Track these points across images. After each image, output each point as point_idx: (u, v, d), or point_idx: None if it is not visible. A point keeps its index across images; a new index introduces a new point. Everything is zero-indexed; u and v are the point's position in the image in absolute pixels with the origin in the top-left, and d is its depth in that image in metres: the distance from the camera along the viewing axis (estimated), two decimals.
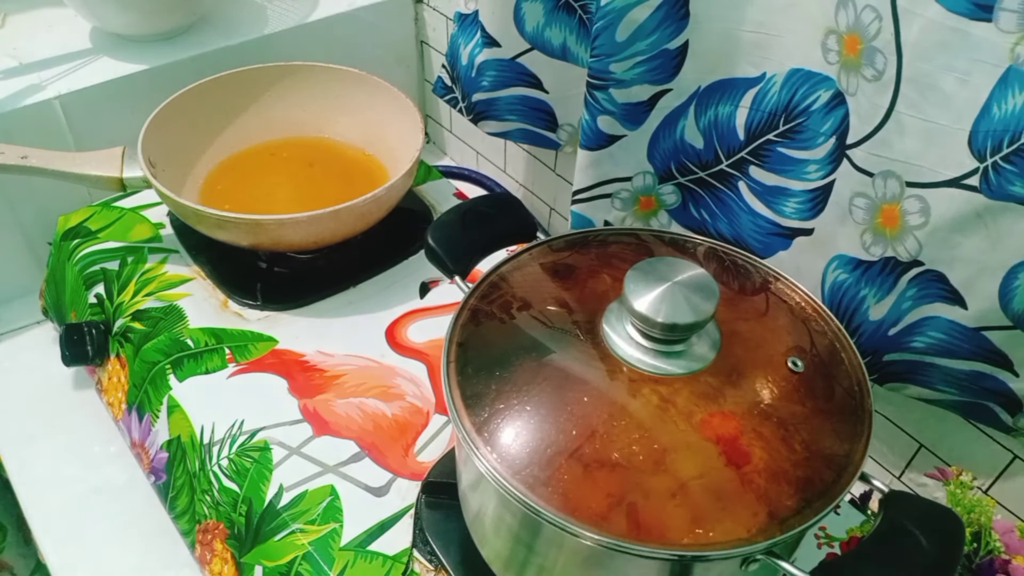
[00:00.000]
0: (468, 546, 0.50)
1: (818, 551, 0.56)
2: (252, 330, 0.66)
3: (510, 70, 0.69)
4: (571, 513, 0.37)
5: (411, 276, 0.72)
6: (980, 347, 0.48)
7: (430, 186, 0.82)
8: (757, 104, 0.55)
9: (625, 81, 0.57)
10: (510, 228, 0.52)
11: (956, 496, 0.53)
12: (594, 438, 0.39)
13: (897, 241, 0.48)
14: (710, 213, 0.63)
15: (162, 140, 0.72)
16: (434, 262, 0.51)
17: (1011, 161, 0.41)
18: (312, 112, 0.81)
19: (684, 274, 0.41)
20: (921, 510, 0.39)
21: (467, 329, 0.45)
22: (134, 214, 0.76)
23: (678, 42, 0.56)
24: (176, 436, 0.62)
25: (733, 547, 0.37)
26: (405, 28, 0.95)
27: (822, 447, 0.40)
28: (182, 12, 0.83)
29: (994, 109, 0.41)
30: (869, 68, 0.46)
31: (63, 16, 0.85)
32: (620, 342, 0.42)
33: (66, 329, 0.69)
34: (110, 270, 0.71)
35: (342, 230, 0.69)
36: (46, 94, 0.75)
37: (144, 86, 0.79)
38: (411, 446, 0.59)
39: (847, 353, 0.45)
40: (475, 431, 0.40)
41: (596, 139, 0.60)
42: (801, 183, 0.55)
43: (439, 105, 1.00)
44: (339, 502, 0.55)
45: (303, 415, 0.61)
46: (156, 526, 0.64)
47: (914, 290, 0.49)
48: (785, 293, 0.48)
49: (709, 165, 0.60)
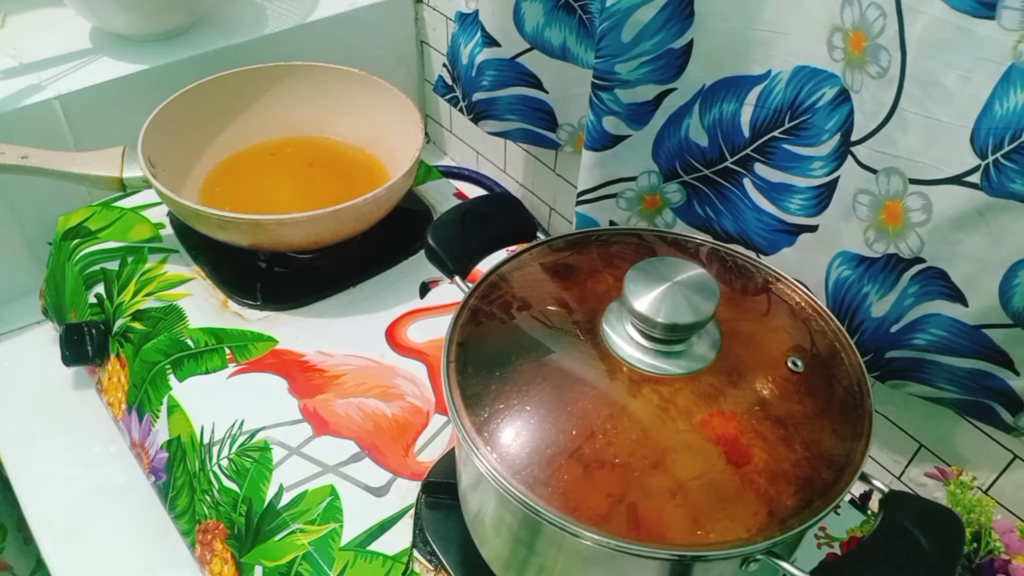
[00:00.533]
0: (468, 546, 0.49)
1: (818, 551, 0.55)
2: (252, 330, 0.66)
3: (510, 70, 0.69)
4: (571, 513, 0.37)
5: (411, 276, 0.72)
6: (981, 345, 0.48)
7: (430, 186, 0.82)
8: (762, 102, 0.55)
9: (630, 81, 0.57)
10: (510, 228, 0.52)
11: (956, 496, 0.53)
12: (594, 438, 0.39)
13: (900, 238, 0.48)
14: (715, 211, 0.63)
15: (162, 140, 0.71)
16: (434, 262, 0.51)
17: (1012, 159, 0.41)
18: (312, 112, 0.81)
19: (684, 274, 0.41)
20: (921, 510, 0.39)
21: (467, 329, 0.45)
22: (134, 214, 0.76)
23: (683, 41, 0.56)
24: (176, 436, 0.62)
25: (733, 547, 0.37)
26: (405, 28, 0.95)
27: (822, 447, 0.40)
28: (182, 12, 0.83)
29: (996, 107, 0.41)
30: (873, 65, 0.46)
31: (63, 16, 0.85)
32: (620, 342, 0.42)
33: (66, 329, 0.69)
34: (110, 270, 0.71)
35: (342, 230, 0.69)
36: (46, 94, 0.75)
37: (144, 86, 0.79)
38: (411, 446, 0.59)
39: (847, 353, 0.45)
40: (475, 431, 0.40)
41: (601, 140, 0.60)
42: (806, 180, 0.55)
43: (439, 105, 1.00)
44: (339, 502, 0.55)
45: (303, 415, 0.61)
46: (156, 526, 0.64)
47: (916, 287, 0.49)
48: (785, 293, 0.48)
49: (714, 163, 0.60)
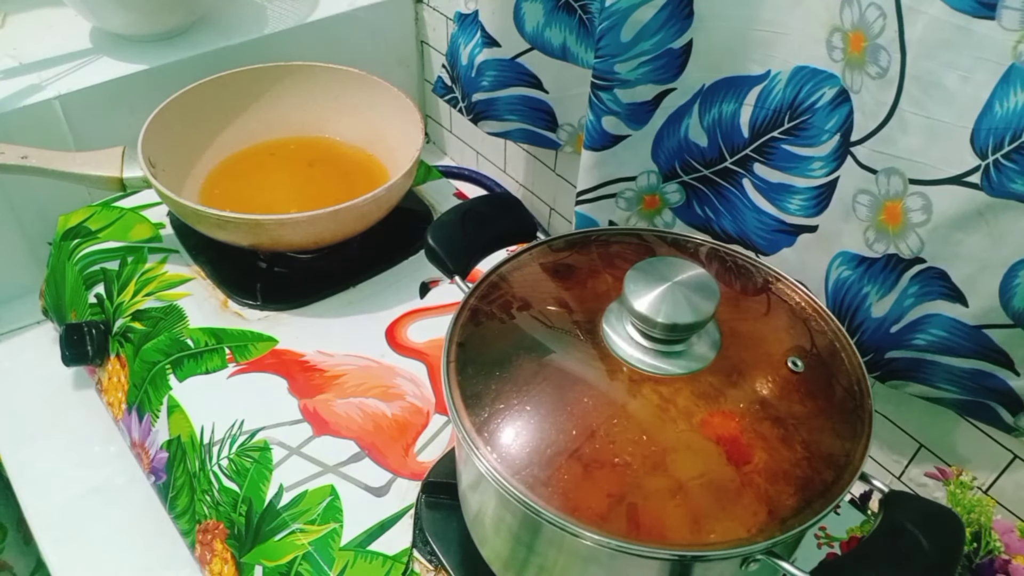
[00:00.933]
0: (468, 546, 0.49)
1: (818, 551, 0.55)
2: (252, 330, 0.66)
3: (510, 70, 0.69)
4: (571, 513, 0.37)
5: (411, 276, 0.72)
6: (981, 345, 0.48)
7: (430, 186, 0.82)
8: (762, 102, 0.55)
9: (630, 81, 0.57)
10: (510, 228, 0.52)
11: (956, 496, 0.53)
12: (594, 438, 0.39)
13: (900, 238, 0.48)
14: (714, 211, 0.63)
15: (162, 140, 0.71)
16: (434, 262, 0.51)
17: (1012, 159, 0.41)
18: (312, 112, 0.81)
19: (684, 274, 0.41)
20: (921, 510, 0.38)
21: (467, 329, 0.45)
22: (134, 214, 0.76)
23: (682, 41, 0.56)
24: (176, 436, 0.62)
25: (733, 547, 0.37)
26: (405, 28, 0.95)
27: (822, 447, 0.40)
28: (182, 12, 0.83)
29: (996, 107, 0.41)
30: (873, 65, 0.46)
31: (63, 16, 0.85)
32: (620, 342, 0.42)
33: (66, 329, 0.69)
34: (110, 270, 0.71)
35: (342, 230, 0.69)
36: (46, 94, 0.75)
37: (144, 86, 0.79)
38: (411, 446, 0.59)
39: (847, 353, 0.44)
40: (475, 431, 0.40)
41: (601, 139, 0.60)
42: (805, 180, 0.55)
43: (439, 105, 1.00)
44: (339, 502, 0.55)
45: (303, 415, 0.61)
46: (156, 526, 0.64)
47: (916, 287, 0.49)
48: (785, 293, 0.48)
49: (713, 163, 0.60)
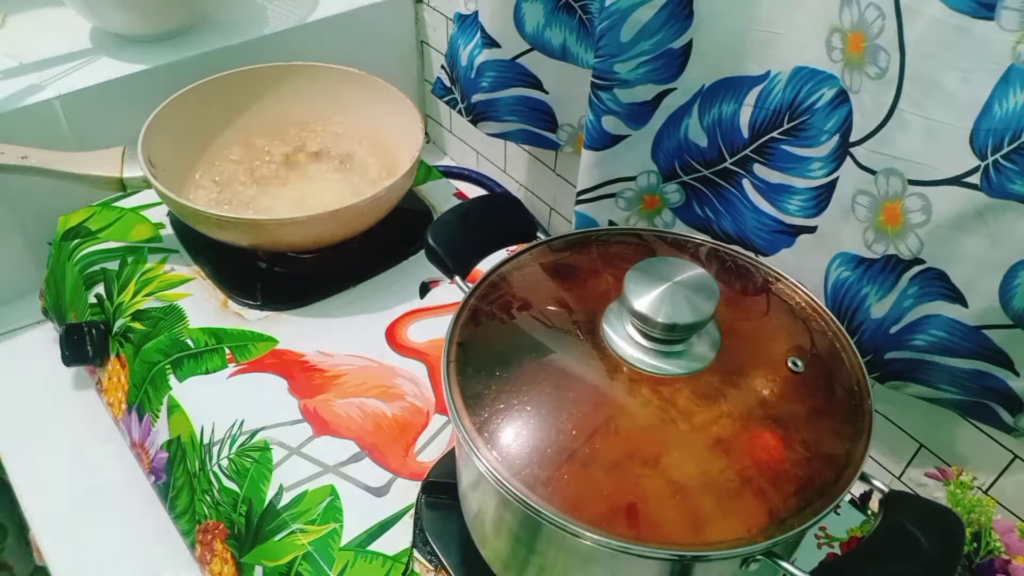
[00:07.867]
0: (468, 546, 0.49)
1: (818, 551, 0.55)
2: (252, 330, 0.66)
3: (510, 71, 0.69)
4: (571, 513, 0.37)
5: (411, 276, 0.72)
6: (981, 346, 0.48)
7: (430, 186, 0.82)
8: (761, 102, 0.55)
9: (629, 81, 0.57)
10: (510, 228, 0.52)
11: (956, 496, 0.53)
12: (594, 438, 0.39)
13: (899, 239, 0.48)
14: (714, 211, 0.63)
15: (162, 140, 0.71)
16: (434, 262, 0.51)
17: (1012, 159, 0.41)
18: (312, 112, 0.81)
19: (684, 274, 0.41)
20: (921, 510, 0.39)
21: (467, 329, 0.45)
22: (134, 214, 0.76)
23: (682, 41, 0.56)
24: (176, 436, 0.62)
25: (733, 547, 0.37)
26: (405, 28, 0.95)
27: (822, 447, 0.40)
28: (182, 12, 0.83)
29: (995, 107, 0.41)
30: (872, 66, 0.46)
31: (63, 16, 0.85)
32: (620, 342, 0.42)
33: (66, 329, 0.69)
34: (110, 270, 0.71)
35: (342, 230, 0.69)
36: (46, 94, 0.75)
37: (144, 86, 0.79)
38: (411, 446, 0.59)
39: (847, 353, 0.45)
40: (475, 431, 0.40)
41: (600, 139, 0.60)
42: (805, 181, 0.55)
43: (439, 105, 1.00)
44: (339, 502, 0.55)
45: (303, 415, 0.61)
46: (156, 526, 0.64)
47: (915, 288, 0.49)
48: (785, 293, 0.48)
49: (713, 163, 0.60)
